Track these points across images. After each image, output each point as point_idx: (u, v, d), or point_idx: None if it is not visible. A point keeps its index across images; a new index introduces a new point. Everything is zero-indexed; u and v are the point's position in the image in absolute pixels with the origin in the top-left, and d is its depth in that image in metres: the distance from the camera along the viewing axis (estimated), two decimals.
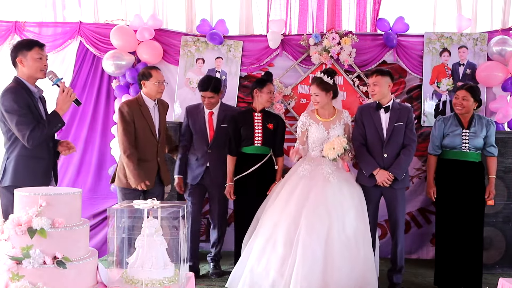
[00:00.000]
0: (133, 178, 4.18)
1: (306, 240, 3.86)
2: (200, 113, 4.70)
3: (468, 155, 4.42)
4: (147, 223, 2.55)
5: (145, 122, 4.31)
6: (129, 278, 2.52)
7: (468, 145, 4.41)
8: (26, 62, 3.46)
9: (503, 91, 5.35)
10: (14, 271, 2.27)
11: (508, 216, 5.10)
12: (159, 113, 4.44)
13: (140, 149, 4.28)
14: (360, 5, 5.67)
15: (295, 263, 3.81)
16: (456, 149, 4.44)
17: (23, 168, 3.42)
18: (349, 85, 5.53)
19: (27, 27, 5.58)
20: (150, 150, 4.34)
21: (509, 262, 5.12)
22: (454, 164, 4.45)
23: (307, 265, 3.79)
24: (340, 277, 3.81)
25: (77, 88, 5.51)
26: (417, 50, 5.53)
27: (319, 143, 4.31)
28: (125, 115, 4.26)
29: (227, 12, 5.75)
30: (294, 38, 5.58)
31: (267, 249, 3.99)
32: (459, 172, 4.42)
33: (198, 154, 4.66)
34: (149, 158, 4.33)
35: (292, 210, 4.04)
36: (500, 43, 5.30)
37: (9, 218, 2.40)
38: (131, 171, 4.17)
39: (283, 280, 3.83)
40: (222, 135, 4.64)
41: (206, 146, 4.64)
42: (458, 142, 4.43)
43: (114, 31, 5.40)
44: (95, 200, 5.35)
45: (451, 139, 4.46)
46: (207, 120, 4.68)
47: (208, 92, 4.58)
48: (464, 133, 4.43)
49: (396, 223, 4.40)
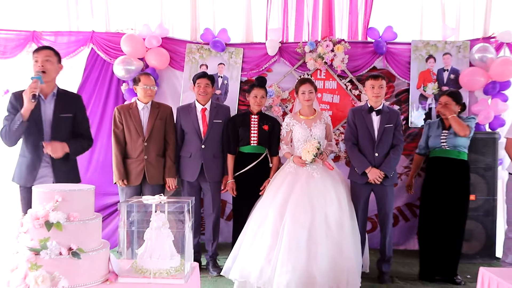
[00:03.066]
0: (114, 174, 4.44)
1: (290, 230, 3.88)
2: (192, 110, 4.60)
3: (448, 152, 4.43)
4: (155, 217, 2.56)
5: (132, 123, 4.42)
6: (138, 268, 2.53)
7: (446, 144, 4.42)
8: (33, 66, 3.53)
9: (484, 94, 5.38)
10: (32, 261, 2.28)
11: (488, 210, 5.12)
12: (149, 115, 4.45)
13: (128, 148, 4.45)
14: (352, 15, 5.68)
15: (280, 250, 3.83)
16: (437, 148, 4.47)
17: (16, 165, 3.56)
18: (342, 89, 5.55)
19: (44, 36, 5.57)
20: (136, 149, 4.42)
21: (488, 252, 5.14)
22: (438, 161, 4.47)
23: (291, 252, 3.80)
24: (322, 262, 3.82)
25: (86, 91, 5.51)
26: (404, 56, 5.54)
27: (303, 140, 4.32)
28: (115, 118, 4.48)
29: (229, 21, 5.75)
30: (291, 46, 5.60)
31: (256, 239, 4.01)
32: (442, 169, 4.44)
33: (192, 151, 4.56)
34: (135, 156, 4.42)
35: (278, 203, 4.06)
36: (481, 50, 5.32)
37: (27, 212, 2.41)
38: (114, 168, 4.42)
39: (270, 266, 3.84)
40: (215, 130, 4.59)
41: (200, 142, 4.54)
42: (437, 142, 4.46)
43: (125, 39, 5.41)
44: (102, 195, 5.33)
45: (433, 140, 4.51)
46: (200, 117, 4.57)
47: (205, 79, 4.56)
48: (443, 133, 4.46)
49: (385, 217, 4.42)
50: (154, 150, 4.44)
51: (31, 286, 2.24)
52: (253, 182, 4.52)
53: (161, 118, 4.49)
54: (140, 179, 4.40)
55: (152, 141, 4.43)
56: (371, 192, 4.43)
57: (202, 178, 4.57)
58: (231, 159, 4.62)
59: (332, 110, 5.52)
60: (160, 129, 4.48)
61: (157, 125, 4.46)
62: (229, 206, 5.30)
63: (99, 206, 5.33)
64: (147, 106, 4.49)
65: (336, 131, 5.44)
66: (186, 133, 4.61)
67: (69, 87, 5.40)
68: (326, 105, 5.52)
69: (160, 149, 4.49)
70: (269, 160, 4.66)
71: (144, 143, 4.40)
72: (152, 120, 4.45)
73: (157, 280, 2.45)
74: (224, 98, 5.55)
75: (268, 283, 3.82)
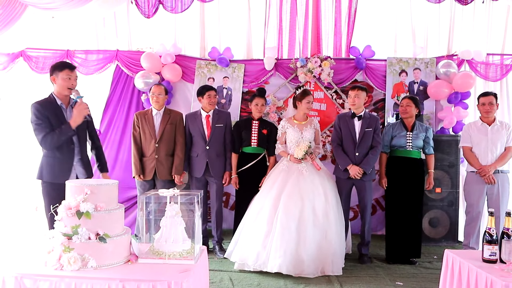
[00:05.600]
0: (133, 170, 4.50)
1: (283, 220, 3.88)
2: (198, 117, 4.60)
3: (411, 153, 4.41)
4: (169, 207, 2.56)
5: (147, 127, 4.45)
6: (155, 250, 2.53)
7: (411, 145, 4.41)
8: (58, 80, 3.38)
9: (448, 103, 5.38)
10: (66, 245, 2.29)
11: (452, 201, 5.12)
12: (161, 120, 4.46)
13: (143, 148, 4.49)
14: (337, 36, 5.68)
15: (274, 237, 3.84)
16: (402, 148, 4.43)
17: (46, 165, 3.38)
18: (328, 98, 5.55)
19: (76, 54, 5.59)
20: (149, 149, 4.44)
21: (452, 237, 5.14)
22: (400, 160, 4.43)
23: (284, 239, 3.81)
24: (310, 247, 3.83)
25: (113, 101, 5.54)
26: (381, 71, 5.54)
27: (295, 141, 4.32)
28: (134, 122, 4.54)
29: (232, 41, 5.75)
30: (285, 62, 5.60)
31: (254, 227, 4.01)
32: (404, 167, 4.41)
33: (198, 151, 4.56)
34: (148, 155, 4.45)
35: (273, 196, 4.06)
36: (445, 66, 5.33)
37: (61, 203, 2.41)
38: (132, 164, 4.48)
39: (265, 251, 3.86)
40: (218, 133, 4.57)
41: (205, 144, 4.54)
42: (403, 142, 4.42)
43: (144, 56, 5.42)
44: (126, 189, 5.33)
45: (397, 140, 4.45)
46: (204, 122, 4.57)
47: (213, 91, 4.59)
48: (408, 135, 4.43)
49: (365, 207, 4.42)
50: (164, 150, 4.45)
51: (64, 266, 2.25)
52: (253, 177, 4.52)
53: (172, 123, 4.49)
54: (152, 175, 4.45)
55: (162, 143, 4.44)
56: (352, 185, 4.42)
57: (207, 174, 4.58)
58: (235, 158, 4.62)
59: (320, 116, 5.52)
60: (170, 132, 4.48)
61: (167, 128, 4.47)
62: (233, 198, 5.31)
63: (123, 198, 5.34)
64: (160, 113, 4.50)
65: (323, 134, 5.43)
66: (193, 136, 4.61)
67: (99, 98, 5.46)
68: (315, 112, 5.52)
69: (169, 149, 4.49)
70: (267, 159, 4.66)
71: (156, 144, 4.41)
72: (164, 124, 4.46)
73: (171, 260, 2.46)
74: (228, 106, 5.54)
75: (263, 266, 3.84)
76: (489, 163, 4.34)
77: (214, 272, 3.97)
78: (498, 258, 2.51)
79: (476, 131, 4.42)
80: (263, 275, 3.87)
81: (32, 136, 3.39)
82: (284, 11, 5.66)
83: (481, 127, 4.41)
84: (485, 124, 4.40)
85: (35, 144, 3.46)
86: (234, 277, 3.86)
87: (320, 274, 3.85)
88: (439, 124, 5.41)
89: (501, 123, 4.43)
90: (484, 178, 4.32)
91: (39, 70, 5.50)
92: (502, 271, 2.34)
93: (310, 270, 3.80)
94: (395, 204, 4.41)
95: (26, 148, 5.09)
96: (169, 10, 5.54)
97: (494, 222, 2.55)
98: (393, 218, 4.42)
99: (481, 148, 4.37)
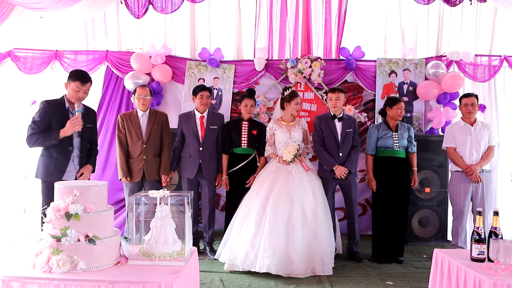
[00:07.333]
0: (119, 173, 4.43)
1: (271, 220, 3.89)
2: (192, 118, 4.58)
3: (398, 152, 4.44)
4: (160, 209, 2.55)
5: (133, 128, 4.41)
6: (145, 252, 2.52)
7: (398, 145, 4.44)
8: (69, 88, 3.55)
9: (437, 103, 5.43)
10: (54, 247, 2.27)
11: (441, 201, 5.16)
12: (148, 121, 4.43)
13: (130, 149, 4.44)
14: (327, 37, 5.71)
15: (262, 237, 3.84)
16: (389, 148, 4.44)
17: (41, 164, 3.53)
18: (318, 99, 5.57)
19: (65, 54, 5.55)
20: (137, 150, 4.40)
21: (441, 236, 5.18)
22: (388, 160, 4.45)
23: (272, 239, 3.81)
24: (299, 247, 3.84)
25: (105, 102, 5.51)
26: (371, 72, 5.57)
27: (284, 142, 4.33)
28: (119, 124, 4.48)
29: (223, 41, 5.75)
30: (275, 62, 5.61)
31: (243, 228, 4.01)
32: (392, 167, 4.42)
33: (191, 152, 4.53)
34: (135, 156, 4.41)
35: (262, 197, 4.06)
36: (434, 66, 5.38)
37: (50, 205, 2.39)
38: (118, 167, 4.43)
39: (254, 251, 3.86)
40: (211, 135, 4.56)
41: (198, 145, 4.52)
42: (390, 142, 4.44)
43: (134, 57, 5.39)
44: (115, 191, 5.29)
45: (384, 141, 4.45)
46: (199, 123, 4.55)
47: (206, 91, 4.57)
48: (394, 135, 4.46)
49: (352, 206, 4.45)
50: (151, 151, 4.41)
51: (53, 268, 2.23)
52: (244, 178, 4.51)
53: (158, 124, 4.46)
54: (140, 176, 4.39)
55: (150, 143, 4.40)
56: (337, 185, 4.46)
57: (200, 175, 4.55)
58: (225, 159, 4.61)
59: (310, 117, 5.52)
60: (157, 133, 4.45)
61: (154, 129, 4.43)
62: (223, 199, 5.30)
63: (112, 200, 5.30)
64: (146, 114, 4.47)
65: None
66: (186, 137, 4.58)
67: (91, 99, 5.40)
68: (305, 113, 5.54)
69: (156, 150, 4.45)
70: (257, 159, 4.65)
71: (143, 145, 4.38)
72: (150, 126, 4.42)
73: (161, 262, 2.45)
74: (218, 107, 5.54)
75: (252, 266, 3.84)
76: (474, 162, 4.39)
77: (205, 273, 3.95)
78: (486, 257, 2.54)
79: (459, 132, 4.46)
80: (254, 276, 3.86)
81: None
82: (274, 12, 5.68)
83: (464, 127, 4.46)
84: (467, 124, 4.45)
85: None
86: (224, 278, 3.85)
87: (311, 274, 3.85)
88: (428, 124, 5.46)
89: (482, 123, 4.50)
90: (471, 177, 4.37)
91: (27, 71, 5.45)
92: (490, 270, 2.37)
93: (300, 270, 3.81)
94: (383, 203, 4.43)
95: (14, 149, 5.04)
96: (159, 10, 5.52)
97: (483, 222, 2.58)
98: (381, 218, 4.45)
99: (466, 148, 4.42)
